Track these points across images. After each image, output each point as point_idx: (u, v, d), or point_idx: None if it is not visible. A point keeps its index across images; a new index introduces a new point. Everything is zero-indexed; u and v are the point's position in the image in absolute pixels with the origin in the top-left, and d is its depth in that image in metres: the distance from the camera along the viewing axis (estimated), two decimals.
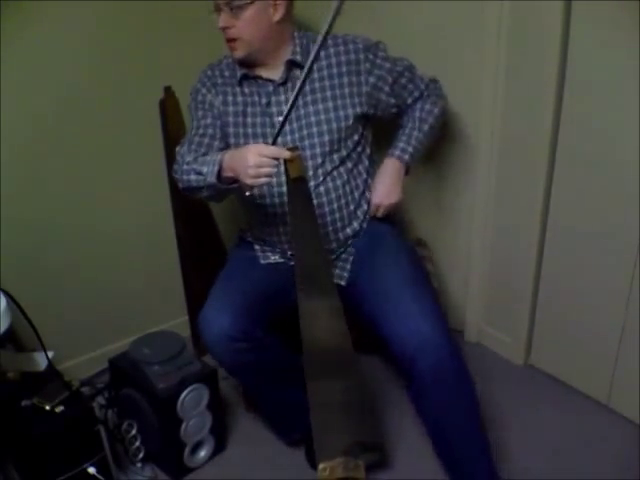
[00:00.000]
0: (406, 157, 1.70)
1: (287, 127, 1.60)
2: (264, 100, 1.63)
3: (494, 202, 2.01)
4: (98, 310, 2.13)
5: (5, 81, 1.74)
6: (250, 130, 1.64)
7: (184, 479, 1.76)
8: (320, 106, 1.62)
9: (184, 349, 1.76)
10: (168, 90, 2.07)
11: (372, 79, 1.64)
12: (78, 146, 1.96)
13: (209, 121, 1.65)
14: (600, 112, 1.69)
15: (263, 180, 1.39)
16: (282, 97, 1.63)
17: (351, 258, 1.71)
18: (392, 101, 1.70)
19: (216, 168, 1.45)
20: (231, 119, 1.65)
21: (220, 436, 1.83)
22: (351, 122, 1.64)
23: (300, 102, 1.60)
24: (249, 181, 1.38)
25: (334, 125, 1.63)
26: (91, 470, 1.55)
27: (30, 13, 1.74)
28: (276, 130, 1.46)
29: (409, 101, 1.74)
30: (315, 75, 1.62)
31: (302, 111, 1.62)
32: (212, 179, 1.46)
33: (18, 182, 1.85)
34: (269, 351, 1.57)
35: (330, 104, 1.63)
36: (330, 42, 1.62)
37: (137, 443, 1.73)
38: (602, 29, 1.63)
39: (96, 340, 2.14)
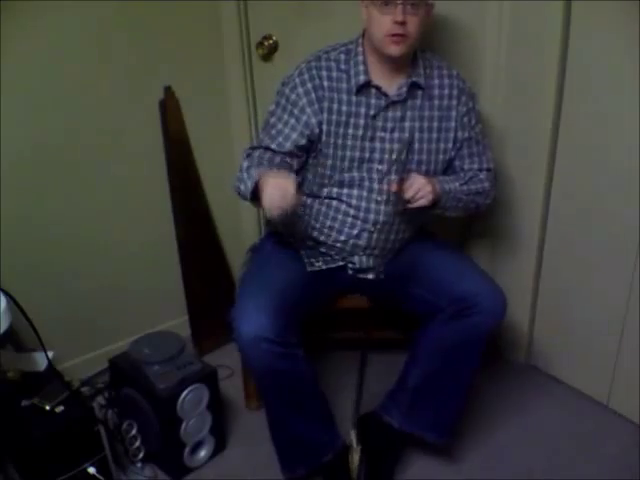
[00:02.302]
0: (445, 186, 1.56)
1: (387, 145, 1.58)
2: (372, 112, 1.56)
3: (495, 201, 2.00)
4: (98, 310, 2.13)
5: (5, 81, 1.73)
6: (350, 142, 1.57)
7: (184, 479, 1.76)
8: (425, 135, 1.59)
9: (184, 349, 1.76)
10: (168, 90, 2.07)
11: (458, 124, 1.62)
12: (78, 146, 1.95)
13: (286, 131, 1.58)
14: (600, 112, 1.69)
15: (277, 219, 1.42)
16: (390, 114, 1.57)
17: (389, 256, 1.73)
18: (453, 154, 1.64)
19: (251, 186, 1.47)
20: (332, 129, 1.57)
21: (220, 436, 1.83)
22: (447, 157, 1.64)
23: (407, 124, 1.58)
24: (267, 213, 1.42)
25: (432, 157, 1.61)
26: (91, 470, 1.55)
27: (30, 13, 1.73)
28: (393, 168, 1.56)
29: (466, 166, 1.66)
30: (426, 102, 1.59)
31: (406, 133, 1.58)
32: (248, 196, 1.50)
33: (18, 182, 1.85)
34: (298, 365, 1.53)
35: (434, 135, 1.60)
36: (445, 72, 1.62)
37: (137, 443, 1.73)
38: (602, 29, 1.63)
39: (96, 340, 2.14)
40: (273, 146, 1.58)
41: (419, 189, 1.48)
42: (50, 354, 1.65)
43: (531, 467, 1.74)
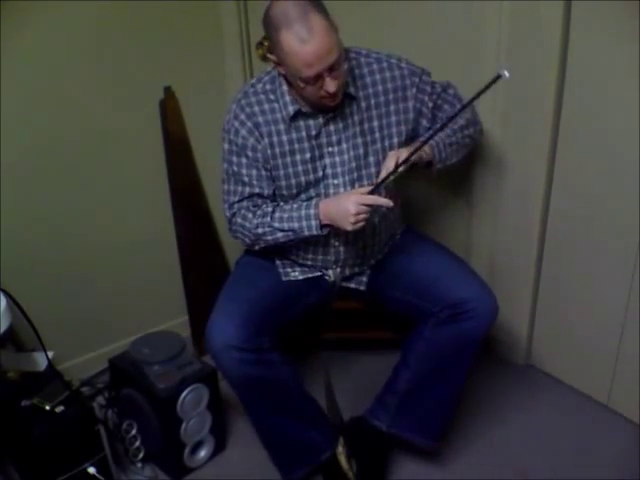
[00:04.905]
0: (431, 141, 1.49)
1: (337, 158, 1.56)
2: (313, 132, 1.54)
3: (495, 202, 2.01)
4: (98, 310, 2.13)
5: (5, 81, 1.74)
6: (300, 168, 1.56)
7: (184, 479, 1.76)
8: (368, 137, 1.56)
9: (184, 349, 1.76)
10: (168, 90, 2.08)
11: (418, 104, 1.58)
12: (78, 146, 1.96)
13: (254, 172, 1.56)
14: (600, 112, 1.69)
15: (361, 225, 1.43)
16: (332, 127, 1.55)
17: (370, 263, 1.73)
18: (429, 127, 1.61)
19: (316, 222, 1.49)
20: (279, 161, 1.55)
21: (220, 436, 1.83)
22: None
23: (350, 133, 1.55)
24: (349, 228, 1.43)
25: (381, 157, 1.57)
26: (91, 470, 1.55)
27: (30, 13, 1.74)
28: (375, 182, 1.45)
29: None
30: (362, 104, 1.55)
31: (351, 142, 1.56)
32: (314, 231, 1.50)
33: (18, 182, 1.85)
34: (274, 369, 1.54)
35: (377, 135, 1.57)
36: (375, 67, 1.55)
37: (137, 443, 1.73)
38: (602, 29, 1.63)
39: (96, 340, 2.14)
40: (256, 190, 1.58)
41: (394, 156, 1.43)
42: (50, 354, 1.65)
43: (530, 467, 1.73)
